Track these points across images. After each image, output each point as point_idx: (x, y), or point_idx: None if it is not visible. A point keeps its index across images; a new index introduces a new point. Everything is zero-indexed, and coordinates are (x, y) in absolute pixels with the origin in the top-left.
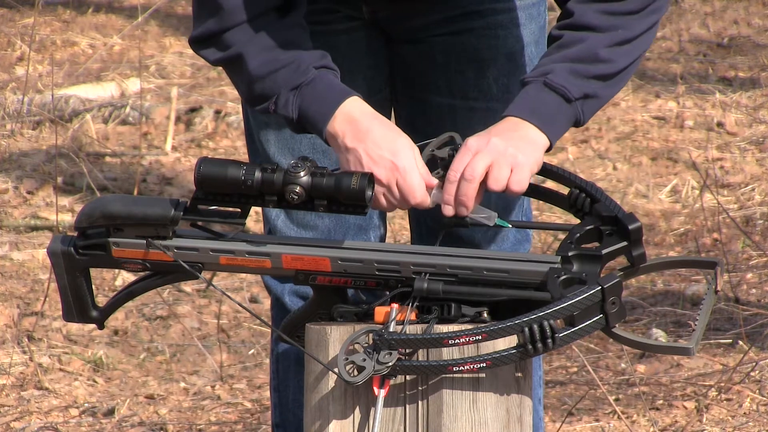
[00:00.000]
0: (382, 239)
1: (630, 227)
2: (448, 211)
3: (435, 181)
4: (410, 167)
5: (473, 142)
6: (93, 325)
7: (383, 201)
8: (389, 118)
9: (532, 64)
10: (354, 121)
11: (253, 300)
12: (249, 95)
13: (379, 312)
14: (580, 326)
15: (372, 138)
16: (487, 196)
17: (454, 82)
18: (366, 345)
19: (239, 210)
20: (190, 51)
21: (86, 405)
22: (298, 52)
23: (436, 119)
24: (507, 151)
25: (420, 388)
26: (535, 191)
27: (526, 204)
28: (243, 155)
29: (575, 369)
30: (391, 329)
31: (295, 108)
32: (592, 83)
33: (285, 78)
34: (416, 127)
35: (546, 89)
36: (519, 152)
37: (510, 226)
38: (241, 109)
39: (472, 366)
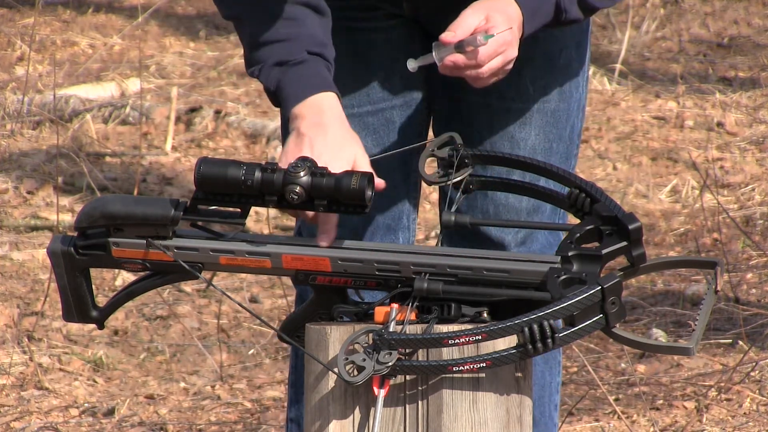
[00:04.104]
0: (410, 241)
1: (630, 227)
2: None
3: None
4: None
5: (502, 29)
6: (93, 325)
7: None
8: (426, 120)
9: (572, 67)
10: (319, 111)
11: (253, 300)
12: (245, 56)
13: (379, 312)
14: (580, 326)
15: (328, 137)
16: (518, 200)
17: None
18: (366, 345)
19: (239, 210)
20: (190, 51)
21: (86, 405)
22: (298, 30)
23: (472, 119)
24: (510, 56)
25: (420, 388)
26: (535, 191)
27: (562, 211)
28: (243, 155)
29: (575, 369)
30: (391, 329)
31: (274, 81)
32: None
33: (278, 51)
34: (452, 127)
35: None
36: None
37: (494, 34)
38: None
39: (472, 366)
